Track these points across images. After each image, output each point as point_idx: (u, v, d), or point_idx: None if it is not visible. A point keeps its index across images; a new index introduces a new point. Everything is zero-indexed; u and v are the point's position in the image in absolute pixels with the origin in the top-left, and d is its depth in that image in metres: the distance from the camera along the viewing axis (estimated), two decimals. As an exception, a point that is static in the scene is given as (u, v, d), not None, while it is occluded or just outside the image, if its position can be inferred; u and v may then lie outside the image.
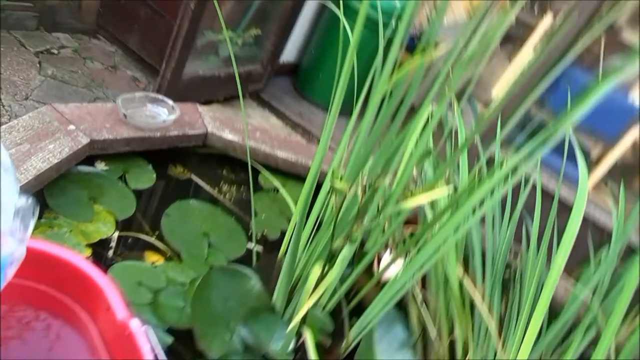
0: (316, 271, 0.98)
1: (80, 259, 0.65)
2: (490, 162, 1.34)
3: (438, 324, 1.36)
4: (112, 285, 0.64)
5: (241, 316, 1.16)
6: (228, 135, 1.57)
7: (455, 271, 1.32)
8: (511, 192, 1.76)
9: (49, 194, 1.19)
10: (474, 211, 1.07)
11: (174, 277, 1.19)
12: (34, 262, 0.64)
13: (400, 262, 1.29)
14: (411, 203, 0.90)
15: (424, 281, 1.47)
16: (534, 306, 1.17)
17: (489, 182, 1.05)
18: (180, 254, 1.26)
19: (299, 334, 1.19)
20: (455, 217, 1.09)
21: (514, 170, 1.00)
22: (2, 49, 2.09)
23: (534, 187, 1.53)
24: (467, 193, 1.10)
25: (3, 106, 1.85)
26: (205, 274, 1.15)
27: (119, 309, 0.62)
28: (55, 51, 2.30)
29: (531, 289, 1.31)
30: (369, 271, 1.40)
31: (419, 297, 1.36)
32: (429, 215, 1.29)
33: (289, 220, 1.54)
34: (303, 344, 1.21)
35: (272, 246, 1.45)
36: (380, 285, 1.29)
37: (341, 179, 0.81)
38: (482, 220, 1.64)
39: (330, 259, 1.03)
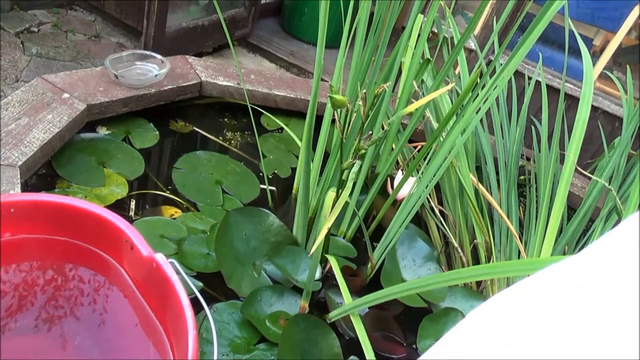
0: (331, 196, 0.99)
1: (99, 207, 0.66)
2: (490, 65, 1.31)
3: (459, 233, 1.38)
4: (132, 227, 0.65)
5: (265, 253, 1.18)
6: (223, 82, 1.55)
7: (469, 179, 1.32)
8: (516, 96, 1.73)
9: (57, 164, 1.20)
10: (477, 111, 1.06)
11: (194, 226, 1.21)
12: (55, 216, 0.65)
13: (412, 180, 1.30)
14: (415, 106, 0.89)
15: (439, 197, 1.48)
16: (551, 204, 1.17)
17: (489, 80, 1.04)
18: (196, 204, 1.27)
19: (323, 263, 1.22)
20: (460, 121, 1.08)
21: (514, 63, 0.98)
22: (-19, 34, 2.06)
23: (538, 88, 1.50)
24: (469, 94, 1.08)
25: (-5, 91, 1.84)
26: (224, 218, 1.16)
27: (143, 246, 0.63)
28: (35, 29, 2.25)
29: (547, 187, 1.32)
30: (383, 194, 1.41)
31: (436, 210, 1.37)
32: (435, 127, 1.27)
33: (297, 157, 1.54)
34: (329, 271, 1.24)
35: (284, 184, 1.46)
36: (397, 206, 1.30)
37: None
38: (491, 128, 1.63)
39: (343, 183, 1.03)
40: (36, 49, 2.10)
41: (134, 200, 1.22)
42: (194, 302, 0.64)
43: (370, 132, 0.91)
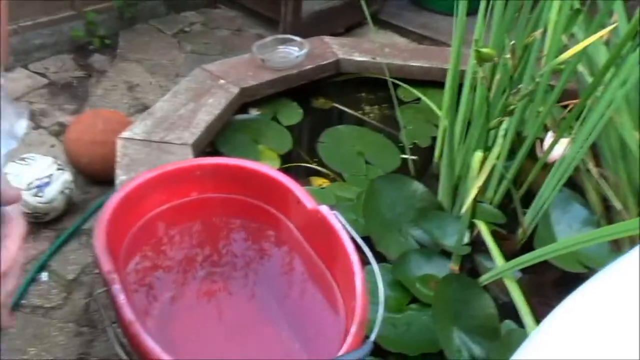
0: (478, 157, 0.98)
1: (268, 167, 0.74)
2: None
3: (622, 195, 1.26)
4: (297, 183, 0.72)
5: (411, 219, 1.21)
6: (358, 57, 1.60)
7: (634, 136, 1.21)
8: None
9: (219, 143, 1.34)
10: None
11: (342, 195, 1.27)
12: (232, 176, 0.75)
13: (564, 141, 1.22)
14: (570, 53, 0.84)
15: (597, 158, 1.37)
16: None
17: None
18: (342, 175, 1.34)
19: (471, 229, 1.21)
20: (620, 72, 0.99)
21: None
22: (146, 39, 2.34)
23: None
24: (630, 42, 0.98)
25: (161, 86, 2.09)
26: (369, 185, 1.21)
27: (308, 200, 0.70)
28: (188, 29, 2.50)
29: None
30: (532, 158, 1.35)
31: (594, 172, 1.27)
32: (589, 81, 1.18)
33: (436, 127, 1.53)
34: (477, 237, 1.23)
35: (425, 154, 1.46)
36: (548, 170, 1.23)
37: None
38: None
39: (489, 144, 1.01)
40: (190, 47, 2.34)
41: (285, 172, 1.32)
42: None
43: (519, 87, 0.88)
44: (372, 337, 0.56)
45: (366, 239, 1.16)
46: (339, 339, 0.57)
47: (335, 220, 0.66)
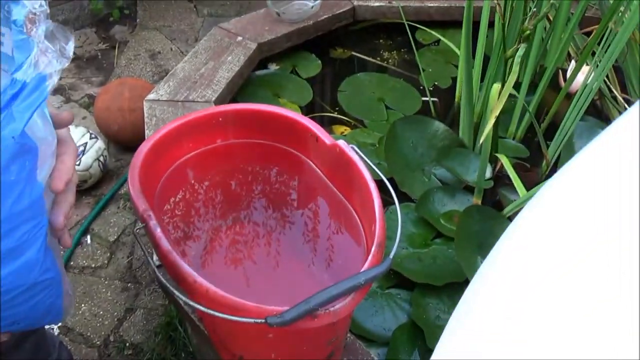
0: (496, 88, 0.98)
1: (285, 110, 0.76)
2: None
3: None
4: (314, 122, 0.75)
5: (433, 158, 1.22)
6: (374, 3, 1.58)
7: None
8: None
9: (241, 99, 1.37)
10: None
11: (363, 141, 1.29)
12: (254, 121, 0.78)
13: (586, 69, 1.20)
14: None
15: (622, 84, 1.34)
16: None
17: None
18: (363, 121, 1.35)
19: (493, 164, 1.22)
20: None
21: None
22: (163, 5, 2.36)
23: None
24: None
25: (182, 52, 2.12)
26: (390, 128, 1.22)
27: (326, 137, 0.72)
28: (203, -8, 2.50)
29: None
30: (554, 89, 1.33)
31: (620, 98, 1.25)
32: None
33: (456, 67, 1.52)
34: (500, 171, 1.23)
35: (446, 94, 1.46)
36: (571, 99, 1.22)
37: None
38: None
39: (507, 77, 1.01)
40: (207, 10, 2.36)
41: (308, 123, 1.34)
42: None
43: (533, 10, 0.87)
44: (391, 254, 0.59)
45: (390, 181, 1.20)
46: (362, 266, 0.60)
47: (353, 152, 0.68)
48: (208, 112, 0.76)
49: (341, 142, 0.70)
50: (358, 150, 0.70)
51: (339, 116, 1.37)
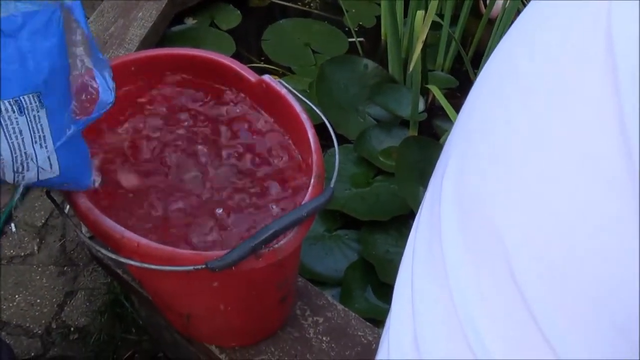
0: (419, 15, 0.96)
1: (202, 50, 0.71)
2: None
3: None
4: (235, 60, 0.70)
5: (366, 97, 1.20)
6: (289, -55, 1.51)
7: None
8: None
9: (158, 57, 1.29)
10: None
11: (294, 87, 1.24)
12: (173, 66, 0.71)
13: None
14: None
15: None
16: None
17: None
18: (291, 68, 1.31)
19: (425, 96, 1.22)
20: None
21: None
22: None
23: None
24: None
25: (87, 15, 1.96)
26: (319, 71, 1.19)
27: (250, 74, 0.68)
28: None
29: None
30: (477, 17, 1.34)
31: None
32: None
33: (379, 5, 1.49)
34: (432, 103, 1.24)
35: (371, 33, 1.43)
36: (492, 25, 1.23)
37: None
38: None
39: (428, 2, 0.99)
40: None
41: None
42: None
43: None
44: (331, 183, 0.57)
45: (322, 126, 1.17)
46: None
47: (281, 86, 0.65)
48: (118, 60, 0.69)
49: (266, 77, 0.66)
50: (285, 84, 0.66)
51: (266, 65, 1.31)
